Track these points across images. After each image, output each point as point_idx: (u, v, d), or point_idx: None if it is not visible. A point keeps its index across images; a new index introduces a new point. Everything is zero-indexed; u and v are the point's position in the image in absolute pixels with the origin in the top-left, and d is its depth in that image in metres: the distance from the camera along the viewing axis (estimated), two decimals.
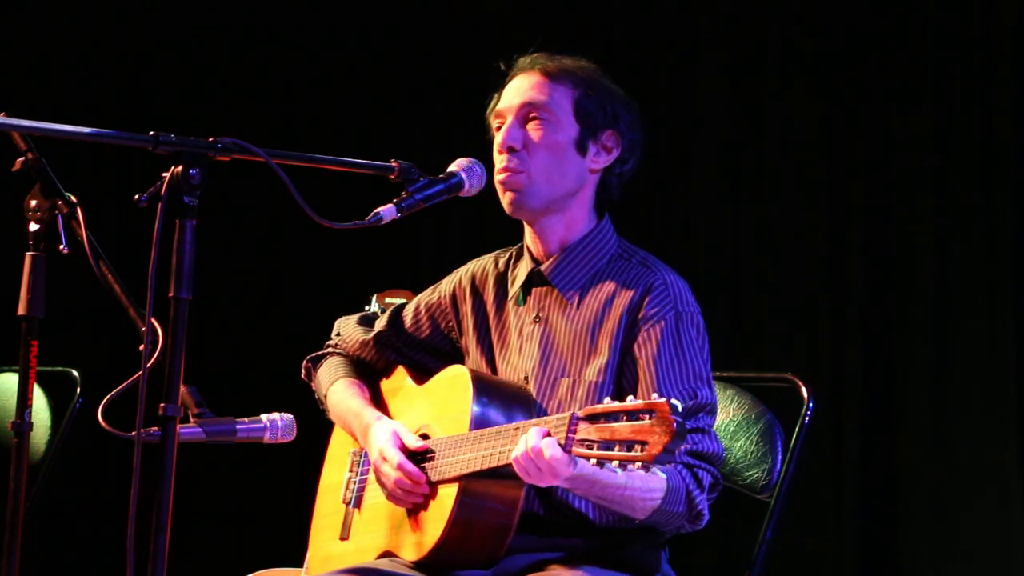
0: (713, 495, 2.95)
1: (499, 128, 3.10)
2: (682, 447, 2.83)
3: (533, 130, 3.05)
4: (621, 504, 2.84)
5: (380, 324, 3.34)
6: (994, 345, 4.81)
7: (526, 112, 3.06)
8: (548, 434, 2.66)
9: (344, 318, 3.43)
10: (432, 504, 2.96)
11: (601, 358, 3.00)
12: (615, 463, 2.51)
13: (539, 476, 2.69)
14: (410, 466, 2.98)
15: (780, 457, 3.45)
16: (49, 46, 5.80)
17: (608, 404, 2.57)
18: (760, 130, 5.25)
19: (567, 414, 2.64)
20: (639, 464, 2.48)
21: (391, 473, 3.00)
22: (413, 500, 2.99)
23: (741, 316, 5.19)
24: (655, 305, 2.98)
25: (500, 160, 3.06)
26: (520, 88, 3.09)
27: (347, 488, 3.27)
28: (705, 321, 3.05)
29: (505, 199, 3.08)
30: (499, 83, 3.15)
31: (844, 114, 5.11)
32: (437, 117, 5.65)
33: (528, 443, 2.67)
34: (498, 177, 3.06)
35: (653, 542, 3.03)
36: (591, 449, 2.56)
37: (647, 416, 2.49)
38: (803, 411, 3.49)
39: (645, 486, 2.80)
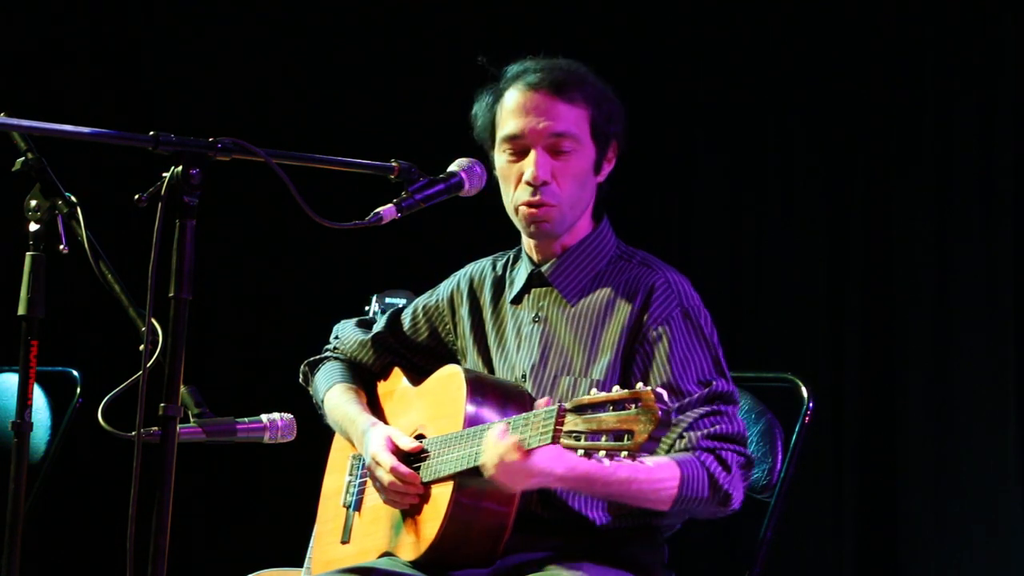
0: (747, 473, 2.92)
1: (514, 153, 3.02)
2: (697, 435, 2.83)
3: (562, 159, 3.00)
4: (635, 498, 2.84)
5: (379, 326, 3.34)
6: (994, 345, 4.81)
7: (554, 142, 2.99)
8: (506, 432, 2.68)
9: (343, 322, 3.44)
10: (428, 503, 2.97)
11: (604, 357, 2.99)
12: (602, 453, 2.52)
13: (518, 479, 2.71)
14: (403, 468, 2.98)
15: (780, 457, 3.45)
16: (49, 46, 5.79)
17: (594, 395, 2.58)
18: (761, 130, 5.25)
19: (555, 406, 2.64)
20: (626, 453, 2.48)
21: (384, 477, 3.00)
22: (409, 501, 2.99)
23: (741, 316, 5.19)
24: (660, 305, 2.98)
25: (528, 192, 2.99)
26: (541, 112, 2.99)
27: (347, 492, 3.27)
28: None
29: (531, 228, 3.03)
30: (483, 88, 3.10)
31: (844, 114, 5.11)
32: (437, 117, 5.64)
33: (496, 449, 2.70)
34: (528, 210, 3.00)
35: (652, 541, 3.03)
36: (578, 440, 2.56)
37: (632, 405, 2.50)
38: (803, 411, 3.50)
39: (653, 476, 2.81)
